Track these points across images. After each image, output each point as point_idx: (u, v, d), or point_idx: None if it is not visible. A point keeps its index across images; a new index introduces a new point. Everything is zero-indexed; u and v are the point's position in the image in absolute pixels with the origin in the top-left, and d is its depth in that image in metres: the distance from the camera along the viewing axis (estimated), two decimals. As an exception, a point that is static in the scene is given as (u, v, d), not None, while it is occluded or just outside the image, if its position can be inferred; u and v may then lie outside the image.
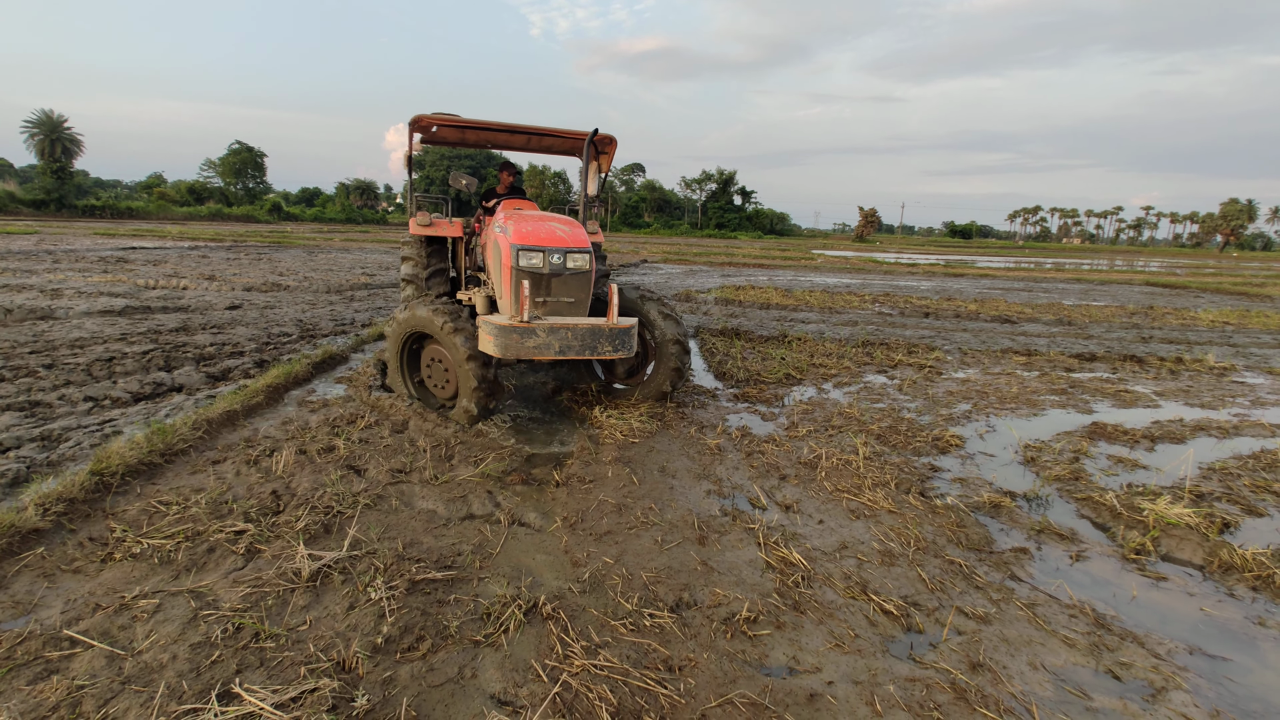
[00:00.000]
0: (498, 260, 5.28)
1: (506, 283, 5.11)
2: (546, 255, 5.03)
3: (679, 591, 3.11)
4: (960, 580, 3.33)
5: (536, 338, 4.72)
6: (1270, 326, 13.48)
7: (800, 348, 9.39)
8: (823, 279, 22.49)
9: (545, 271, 5.06)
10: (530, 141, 7.07)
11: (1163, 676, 2.65)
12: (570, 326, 4.80)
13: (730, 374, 7.60)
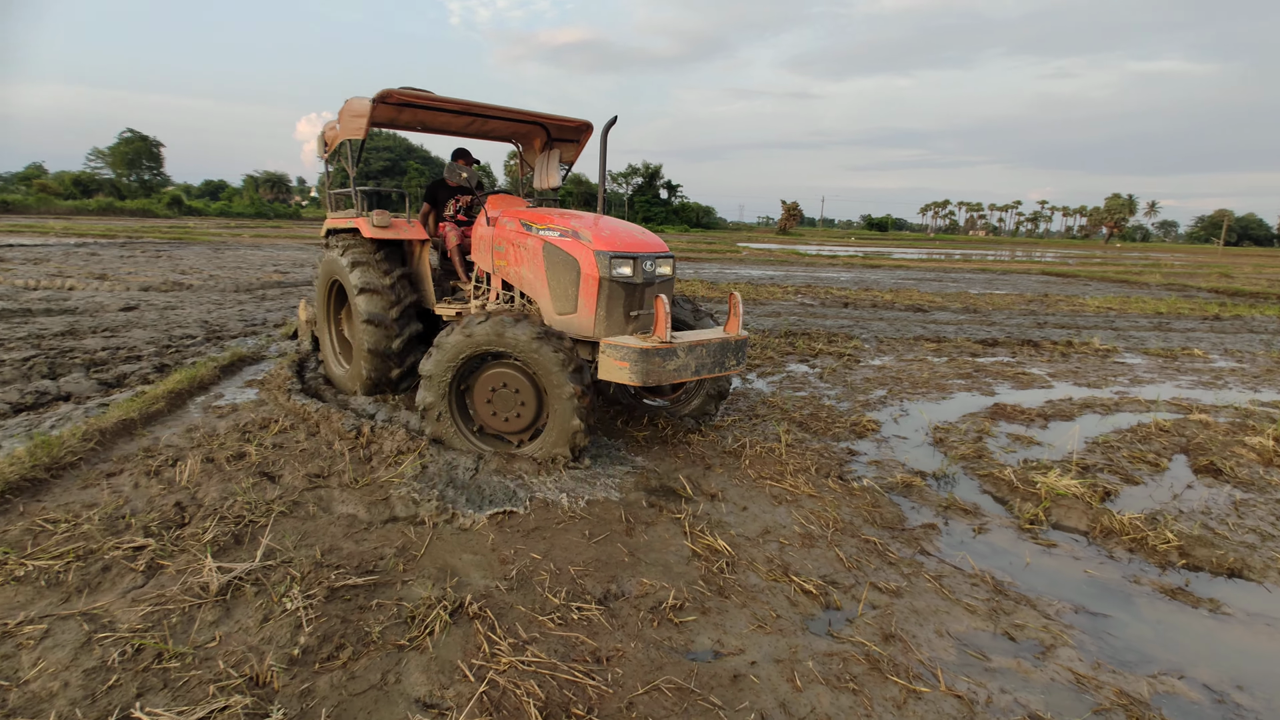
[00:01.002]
0: (557, 269, 4.56)
1: (589, 296, 4.42)
2: (639, 263, 4.45)
3: (607, 583, 3.14)
4: (875, 558, 3.51)
5: (677, 359, 4.23)
6: (1147, 311, 14.75)
7: (726, 339, 9.56)
8: (747, 271, 23.01)
9: (639, 281, 4.47)
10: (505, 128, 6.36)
11: (1051, 635, 2.89)
12: (705, 343, 4.35)
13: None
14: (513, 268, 4.98)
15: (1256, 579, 3.46)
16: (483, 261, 5.39)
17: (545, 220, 4.77)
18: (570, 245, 4.53)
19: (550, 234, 4.65)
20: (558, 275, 4.59)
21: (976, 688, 2.52)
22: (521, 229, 4.87)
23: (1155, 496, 4.47)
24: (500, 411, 4.54)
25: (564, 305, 4.60)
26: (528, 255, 4.78)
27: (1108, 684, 2.58)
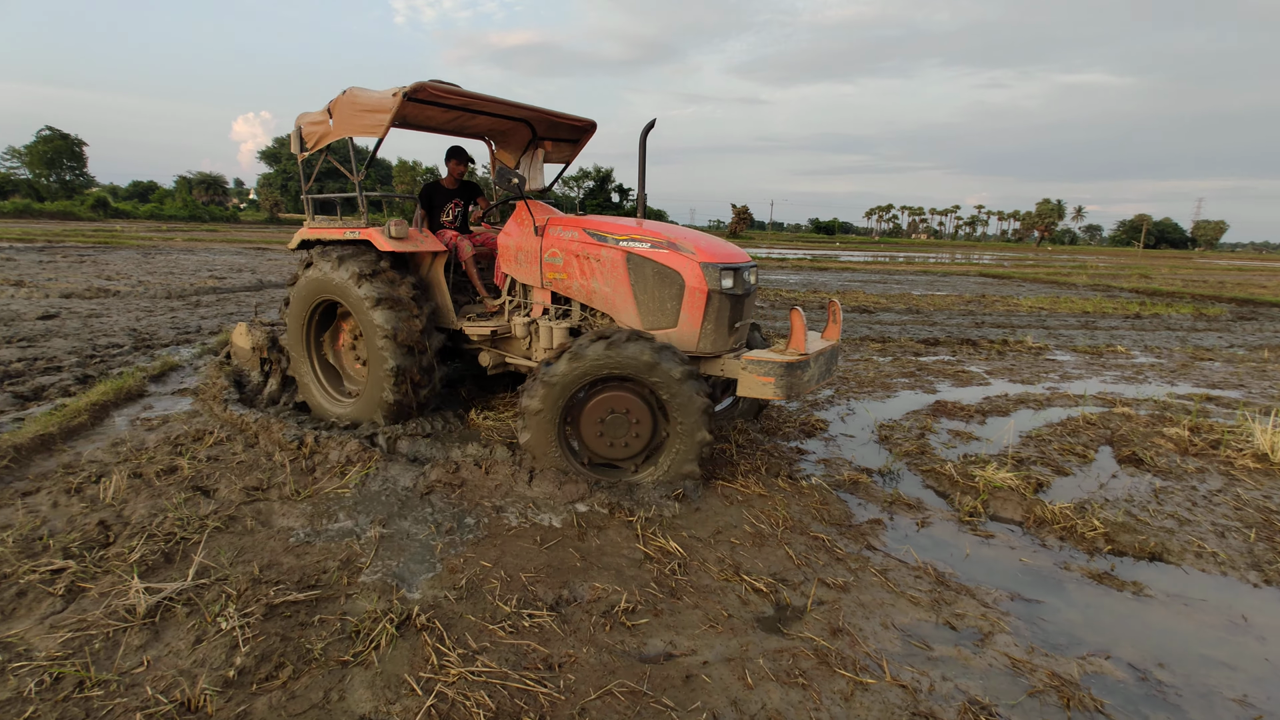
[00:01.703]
0: (650, 282, 4.38)
1: (694, 310, 4.28)
2: (740, 274, 4.37)
3: (559, 589, 3.11)
4: (823, 554, 3.58)
5: (809, 370, 4.16)
6: (1075, 310, 15.51)
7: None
8: (699, 275, 23.17)
9: (740, 293, 4.39)
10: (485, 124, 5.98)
11: (989, 622, 3.00)
12: (823, 352, 4.31)
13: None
14: (576, 280, 4.71)
15: (1175, 561, 3.67)
16: (523, 274, 5.00)
17: (623, 230, 4.54)
18: (668, 257, 4.34)
19: (637, 245, 4.44)
20: (650, 288, 4.41)
21: (920, 676, 2.60)
22: (591, 239, 4.61)
23: (1083, 486, 4.70)
24: (612, 438, 4.23)
25: (657, 320, 4.42)
26: (602, 268, 4.55)
27: (1041, 667, 2.69)
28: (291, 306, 5.39)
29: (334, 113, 4.87)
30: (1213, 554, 3.70)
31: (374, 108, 4.63)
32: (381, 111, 4.57)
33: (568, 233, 4.74)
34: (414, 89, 4.44)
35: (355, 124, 4.77)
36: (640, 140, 4.54)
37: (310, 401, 5.48)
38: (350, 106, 4.76)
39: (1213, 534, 3.96)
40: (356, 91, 4.75)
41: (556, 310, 4.99)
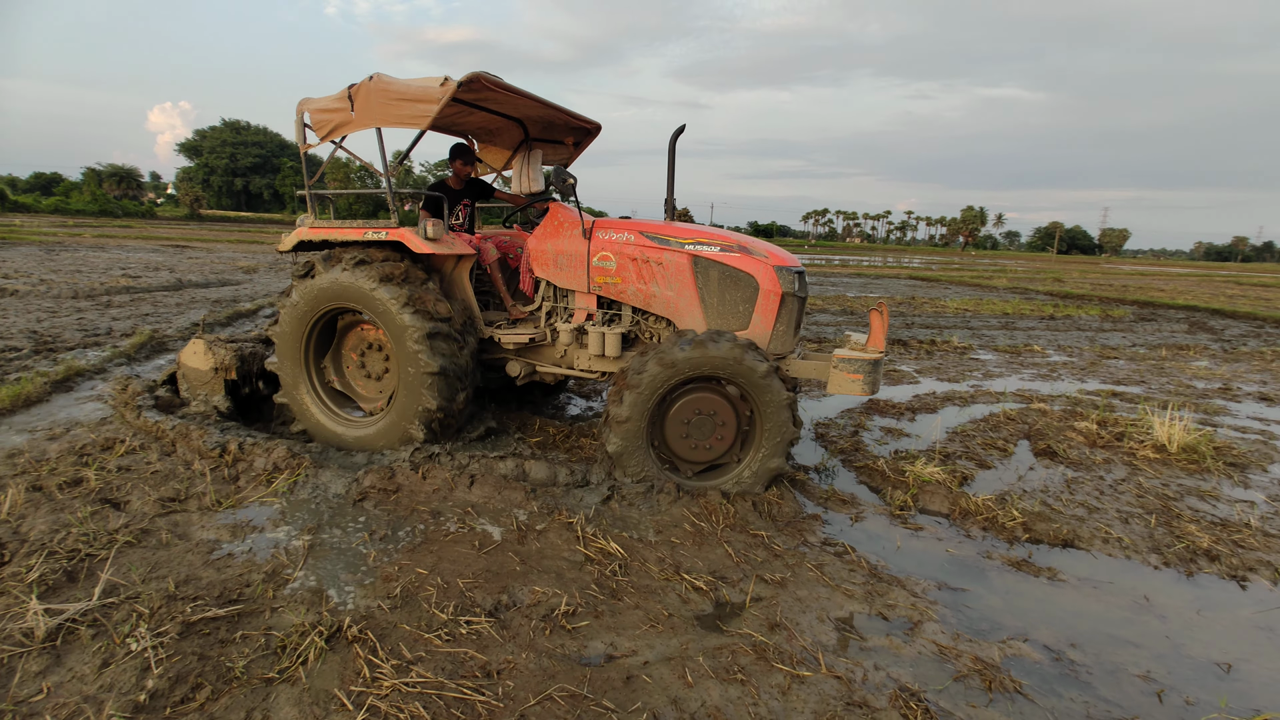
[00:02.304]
0: (721, 286, 4.43)
1: (768, 312, 4.39)
2: (803, 278, 4.54)
3: (498, 594, 3.06)
4: (761, 550, 3.64)
5: (881, 369, 4.34)
6: (996, 312, 16.33)
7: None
8: (641, 276, 23.26)
9: (803, 295, 4.56)
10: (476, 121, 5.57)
11: (918, 611, 3.11)
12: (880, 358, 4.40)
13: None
14: (632, 284, 4.65)
15: (1085, 547, 3.90)
16: (564, 278, 4.84)
17: (688, 234, 4.55)
18: (741, 261, 4.40)
19: (705, 249, 4.46)
20: (720, 292, 4.45)
21: (854, 667, 2.68)
22: (651, 243, 4.57)
23: (1004, 479, 4.95)
24: (697, 440, 4.22)
25: (727, 323, 4.47)
26: (665, 271, 4.53)
27: (965, 653, 2.81)
28: (286, 319, 4.74)
29: (357, 100, 4.38)
30: (1118, 539, 3.96)
31: (416, 97, 4.22)
32: (426, 102, 4.20)
33: (620, 235, 4.67)
34: (469, 79, 4.14)
35: (387, 114, 4.34)
36: (670, 144, 4.55)
37: (311, 427, 4.86)
38: (382, 95, 4.30)
39: (1118, 520, 4.23)
40: (387, 79, 4.33)
41: (604, 315, 4.88)
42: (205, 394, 5.22)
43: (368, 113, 4.37)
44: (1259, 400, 7.77)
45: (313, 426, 4.87)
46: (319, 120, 4.57)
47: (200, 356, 5.20)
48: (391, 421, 4.61)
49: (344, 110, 4.44)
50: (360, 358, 4.97)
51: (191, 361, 5.24)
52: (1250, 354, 11.17)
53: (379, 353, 4.91)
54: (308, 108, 4.63)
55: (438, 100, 4.14)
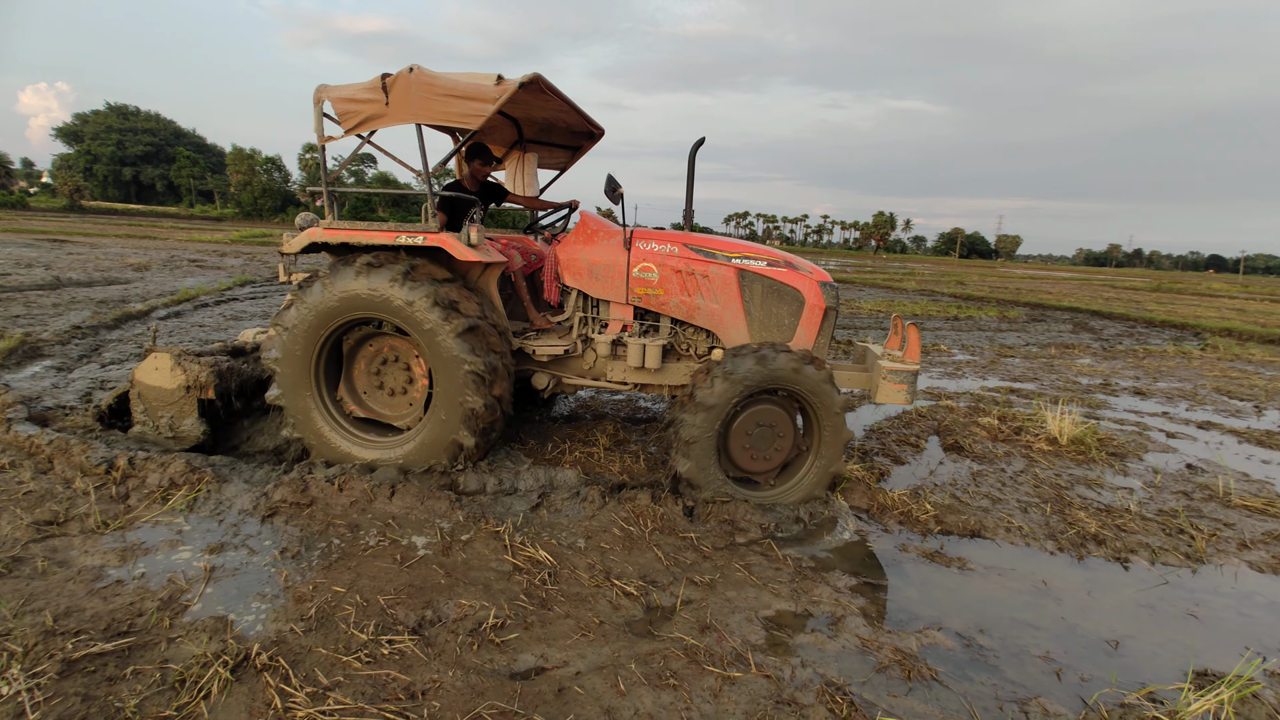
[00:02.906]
0: (767, 299, 4.56)
1: (811, 325, 4.56)
2: (836, 292, 4.66)
3: (422, 610, 2.94)
4: (691, 552, 3.66)
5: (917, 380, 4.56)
6: (906, 313, 17.21)
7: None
8: (567, 277, 23.11)
9: (838, 308, 4.69)
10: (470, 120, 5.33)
11: (841, 606, 3.22)
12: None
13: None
14: (675, 296, 4.62)
15: (990, 537, 4.15)
16: (600, 288, 4.72)
17: (734, 248, 4.62)
18: (788, 276, 4.54)
19: (753, 263, 4.55)
20: (765, 306, 4.57)
21: (782, 665, 2.73)
22: (697, 255, 4.58)
23: (917, 473, 5.20)
24: (756, 451, 4.29)
25: (771, 335, 4.57)
26: (710, 284, 4.57)
27: (886, 644, 2.92)
28: (296, 332, 4.27)
29: (393, 92, 4.05)
30: (1019, 528, 4.23)
31: (466, 94, 3.99)
32: (479, 101, 3.98)
33: (664, 247, 4.63)
34: (529, 80, 3.99)
35: (430, 111, 4.05)
36: (690, 157, 4.59)
37: (323, 450, 4.44)
38: (425, 90, 4.00)
39: (1018, 510, 4.53)
40: (429, 72, 4.03)
41: (641, 326, 4.81)
42: (170, 417, 4.56)
43: (406, 107, 4.05)
44: (1134, 395, 8.52)
45: (323, 448, 4.44)
46: (345, 110, 4.17)
47: (163, 373, 4.51)
48: (433, 433, 4.31)
49: (377, 102, 4.09)
50: (376, 375, 4.62)
51: (151, 379, 4.53)
52: (1125, 352, 12.24)
53: (397, 364, 4.57)
54: (329, 95, 4.21)
55: (493, 100, 3.97)
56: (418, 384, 4.55)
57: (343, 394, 4.57)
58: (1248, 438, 6.76)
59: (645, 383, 4.83)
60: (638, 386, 4.89)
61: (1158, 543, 4.15)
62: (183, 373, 4.50)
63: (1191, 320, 17.64)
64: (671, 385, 4.85)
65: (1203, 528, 4.38)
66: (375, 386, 4.62)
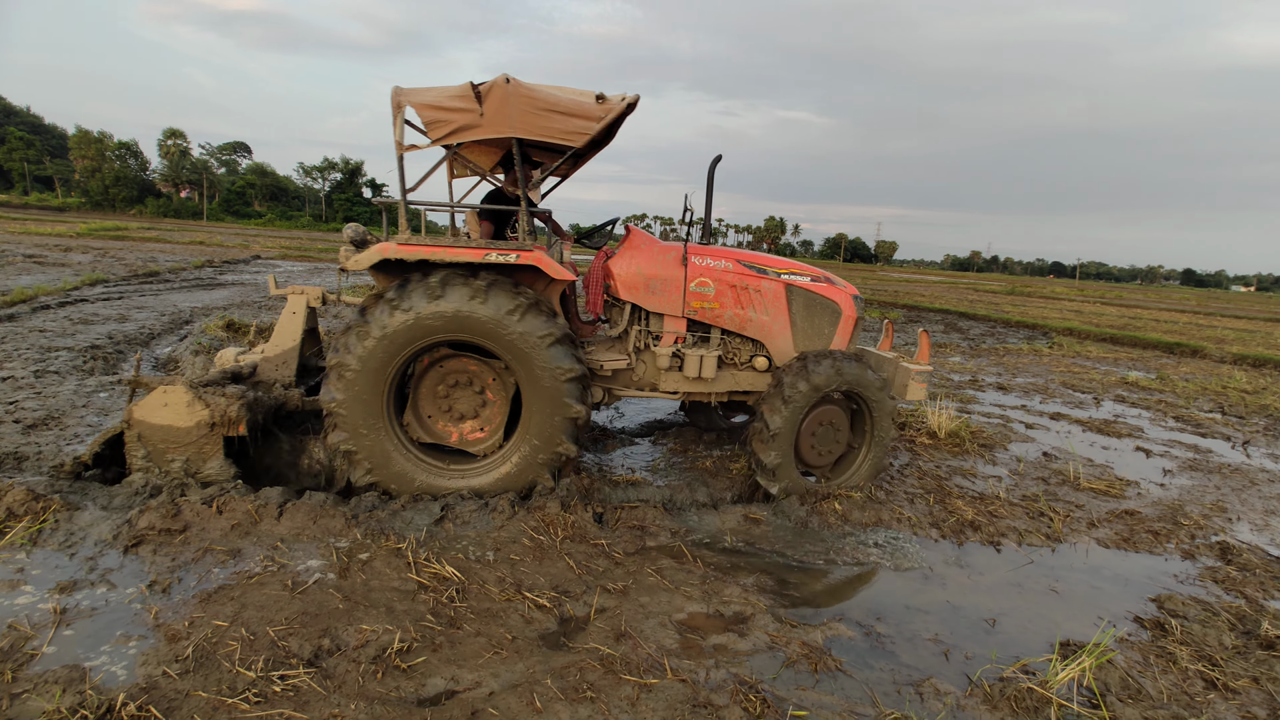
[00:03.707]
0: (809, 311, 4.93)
1: (845, 334, 4.99)
2: (864, 302, 5.13)
3: (318, 639, 2.74)
4: (603, 559, 3.64)
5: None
6: (799, 315, 18.06)
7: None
8: (464, 278, 22.45)
9: (864, 317, 5.14)
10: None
11: (751, 604, 3.30)
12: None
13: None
14: (729, 309, 4.85)
15: (885, 527, 4.41)
16: (655, 302, 4.79)
17: (782, 265, 4.97)
18: (827, 290, 4.96)
19: (798, 279, 4.92)
20: (809, 317, 4.94)
21: (697, 668, 2.76)
22: (749, 271, 4.85)
23: (815, 470, 5.44)
24: (821, 447, 4.74)
25: (812, 343, 4.95)
26: (762, 298, 4.85)
27: (794, 639, 3.03)
28: (367, 366, 3.96)
29: (488, 101, 3.86)
30: (909, 518, 4.53)
31: (569, 111, 3.96)
32: (584, 118, 3.99)
33: (718, 263, 4.84)
34: (635, 101, 4.15)
35: (530, 125, 3.94)
36: (709, 172, 4.72)
37: (403, 488, 4.15)
38: (524, 103, 3.88)
39: (907, 501, 4.84)
40: (526, 84, 3.92)
41: (692, 338, 4.94)
42: (186, 460, 4.00)
43: (503, 119, 3.90)
44: (997, 390, 9.37)
45: (396, 480, 4.14)
46: (434, 118, 3.89)
47: (176, 410, 3.93)
48: (530, 449, 4.23)
49: (470, 112, 3.89)
50: (445, 398, 4.41)
51: (157, 418, 3.92)
52: (989, 350, 13.44)
53: (469, 388, 4.42)
54: (411, 100, 3.90)
55: (598, 119, 4.01)
56: (492, 406, 4.45)
57: (409, 420, 4.34)
58: (1090, 426, 7.60)
59: (696, 391, 4.98)
60: (687, 396, 5.02)
61: (1023, 526, 4.57)
62: (204, 407, 3.95)
63: (1040, 321, 19.66)
64: (718, 392, 5.03)
65: (1059, 510, 4.88)
66: (442, 411, 4.43)
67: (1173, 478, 6.00)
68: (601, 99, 4.05)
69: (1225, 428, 8.03)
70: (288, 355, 4.63)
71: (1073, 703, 2.71)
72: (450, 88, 4.01)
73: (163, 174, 72.23)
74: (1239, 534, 4.80)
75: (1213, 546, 4.50)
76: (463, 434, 4.47)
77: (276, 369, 4.62)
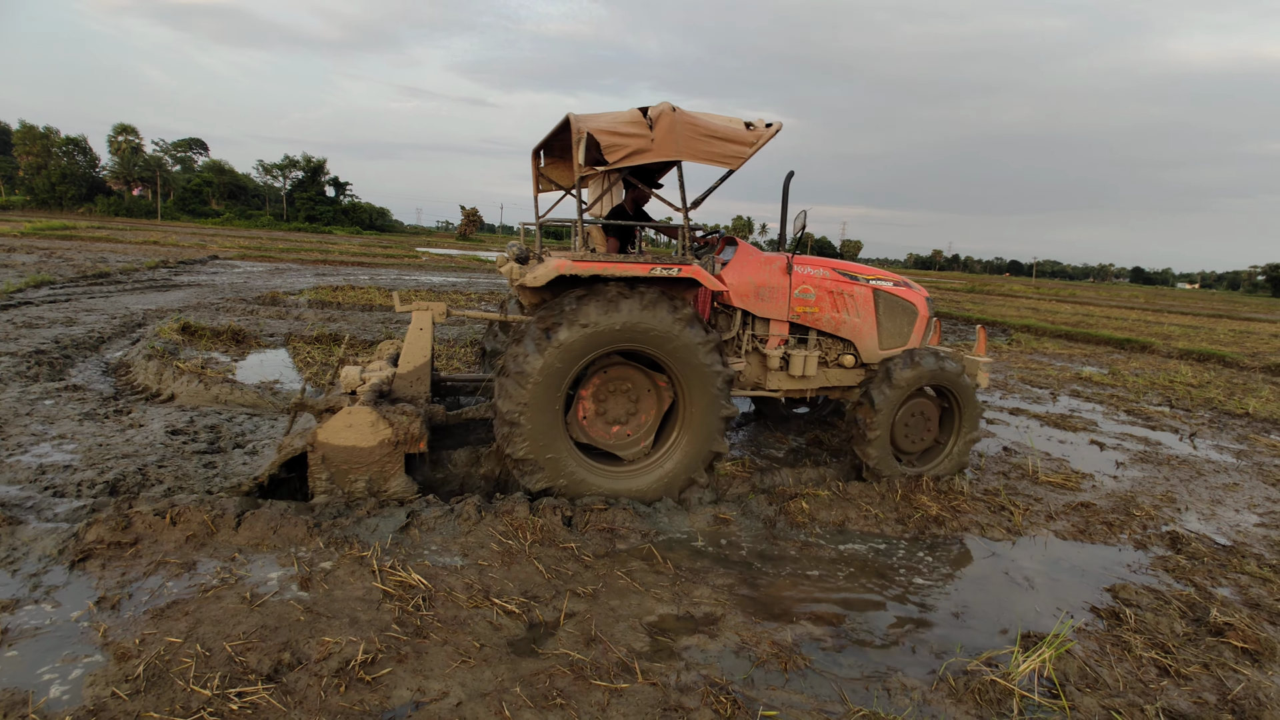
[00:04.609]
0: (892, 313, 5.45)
1: (920, 331, 5.57)
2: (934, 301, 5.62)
3: (278, 654, 2.65)
4: (572, 563, 3.61)
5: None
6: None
7: (410, 351, 9.05)
8: (428, 278, 22.15)
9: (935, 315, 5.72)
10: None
11: (721, 605, 3.31)
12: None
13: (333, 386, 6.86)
14: (828, 313, 5.30)
15: (854, 527, 4.46)
16: (763, 308, 5.19)
17: (868, 271, 5.51)
18: (906, 293, 5.51)
19: (882, 284, 5.46)
20: (891, 318, 5.45)
21: (668, 671, 2.75)
22: (844, 278, 5.35)
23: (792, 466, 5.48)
24: (914, 436, 5.30)
25: (894, 341, 5.47)
26: (854, 302, 5.33)
27: (764, 639, 3.04)
28: (548, 375, 4.18)
29: (658, 127, 4.18)
30: (876, 515, 4.59)
31: (728, 137, 4.36)
32: (740, 143, 4.40)
33: (817, 271, 5.30)
34: (780, 127, 4.52)
35: (695, 149, 4.30)
36: (784, 187, 5.20)
37: (570, 488, 4.37)
38: (690, 129, 4.25)
39: (876, 498, 4.90)
40: (689, 112, 4.30)
41: (793, 340, 5.36)
42: (369, 480, 4.06)
43: (671, 144, 4.23)
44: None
45: (570, 483, 4.37)
46: (612, 143, 4.14)
47: (360, 431, 3.98)
48: (690, 448, 4.55)
49: (643, 137, 4.20)
50: (601, 402, 4.69)
51: (342, 439, 3.97)
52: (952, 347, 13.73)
53: (623, 395, 4.70)
54: (589, 126, 4.16)
55: (752, 144, 4.41)
56: (644, 410, 4.75)
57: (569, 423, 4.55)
58: (1048, 421, 7.82)
59: (796, 389, 5.40)
60: (787, 394, 5.43)
61: (985, 520, 4.67)
62: (388, 426, 4.03)
63: (999, 318, 20.17)
64: (812, 389, 5.48)
65: (1019, 504, 5.00)
66: (596, 414, 4.69)
67: (1125, 470, 6.21)
68: (750, 126, 4.48)
69: (1173, 420, 8.34)
70: (421, 371, 4.69)
71: (1034, 693, 2.77)
72: (621, 114, 4.36)
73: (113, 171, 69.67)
74: (1187, 523, 4.99)
75: (1163, 536, 4.66)
76: (613, 437, 4.76)
77: (411, 385, 4.66)
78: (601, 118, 4.32)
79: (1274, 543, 4.72)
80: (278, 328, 10.13)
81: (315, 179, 76.23)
